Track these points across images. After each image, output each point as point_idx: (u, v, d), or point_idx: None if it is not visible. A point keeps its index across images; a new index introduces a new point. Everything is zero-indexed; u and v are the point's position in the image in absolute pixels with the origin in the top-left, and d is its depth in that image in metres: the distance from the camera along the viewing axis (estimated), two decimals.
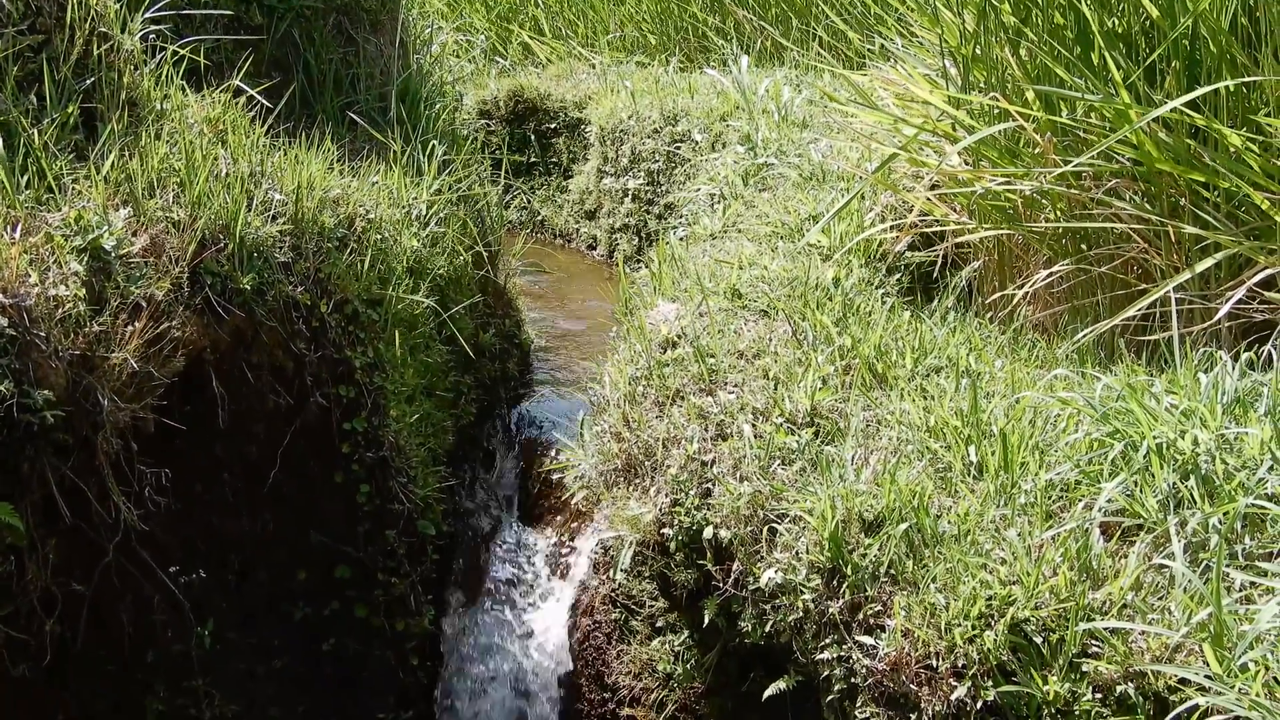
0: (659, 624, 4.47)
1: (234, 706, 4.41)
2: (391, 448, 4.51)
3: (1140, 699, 2.73)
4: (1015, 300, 4.41)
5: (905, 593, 3.11)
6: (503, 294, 6.01)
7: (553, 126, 9.01)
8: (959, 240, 4.74)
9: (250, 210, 4.11)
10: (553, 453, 5.18)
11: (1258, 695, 2.50)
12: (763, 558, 3.48)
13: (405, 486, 4.56)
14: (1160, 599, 2.86)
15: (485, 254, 5.59)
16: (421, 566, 4.72)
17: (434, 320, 4.87)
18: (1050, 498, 3.18)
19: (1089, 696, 2.77)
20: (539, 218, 9.01)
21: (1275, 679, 2.53)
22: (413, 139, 5.34)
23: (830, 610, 3.26)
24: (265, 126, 4.54)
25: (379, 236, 4.57)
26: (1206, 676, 2.62)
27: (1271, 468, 2.96)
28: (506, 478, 5.54)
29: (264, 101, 4.60)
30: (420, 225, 5.01)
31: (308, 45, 5.48)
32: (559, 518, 5.15)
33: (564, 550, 5.10)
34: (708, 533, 3.68)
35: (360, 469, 4.47)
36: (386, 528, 4.56)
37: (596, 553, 4.73)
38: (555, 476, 4.91)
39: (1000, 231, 4.53)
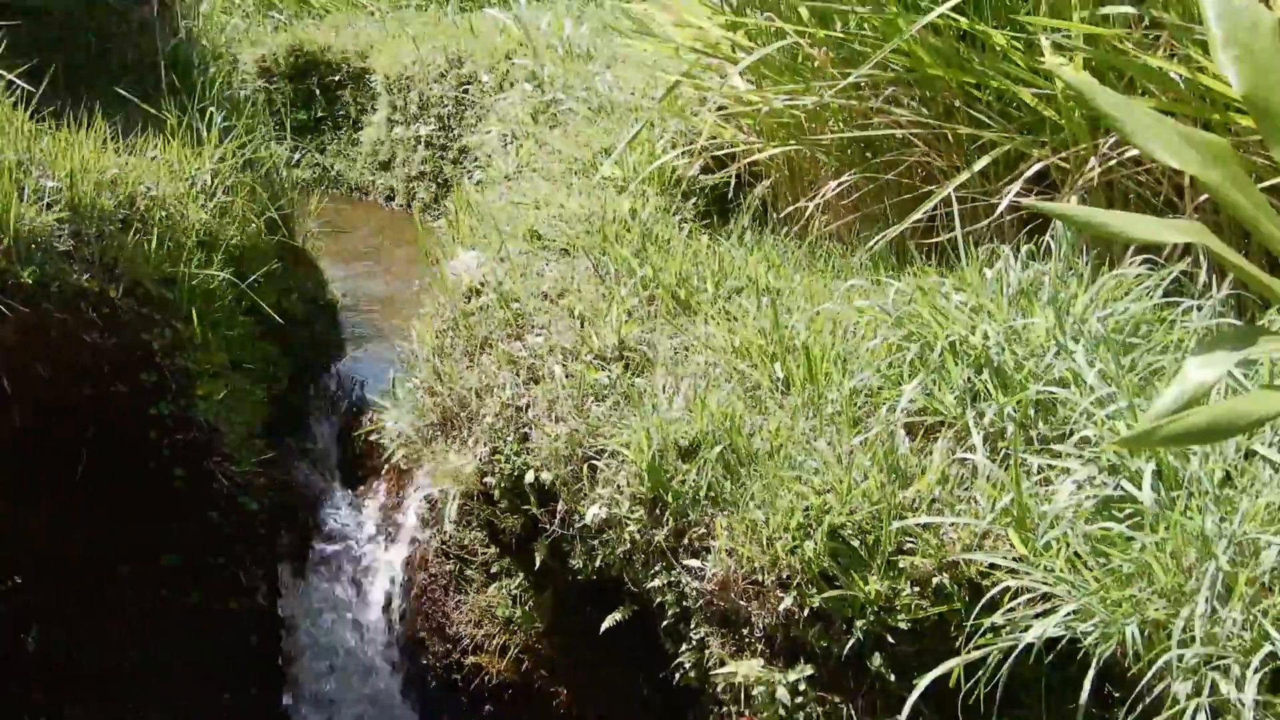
0: (493, 570, 4.49)
1: (73, 710, 4.30)
2: (202, 428, 4.40)
3: (955, 588, 2.85)
4: (808, 213, 4.50)
5: (726, 513, 3.18)
6: (302, 257, 5.89)
7: (336, 79, 8.82)
8: (750, 160, 4.81)
9: (22, 200, 3.93)
10: (369, 414, 5.13)
11: (1061, 571, 2.64)
12: (585, 495, 3.52)
13: (222, 465, 4.46)
14: (966, 490, 2.98)
15: (279, 218, 5.46)
16: (249, 544, 4.64)
17: (233, 292, 4.74)
18: (855, 405, 3.27)
19: (908, 591, 2.88)
20: (333, 173, 8.86)
21: (1076, 554, 2.66)
22: (189, 108, 5.15)
23: (656, 539, 3.32)
24: (28, 111, 4.34)
25: (164, 213, 4.43)
26: (1014, 559, 2.74)
27: (1057, 353, 3.09)
28: (327, 443, 5.46)
29: (23, 85, 4.39)
30: (207, 196, 4.86)
31: (66, 21, 5.24)
32: (383, 478, 5.10)
33: (391, 509, 5.06)
34: (529, 477, 3.70)
35: (172, 452, 4.35)
36: (208, 509, 4.46)
37: (423, 509, 4.71)
38: (374, 437, 4.87)
39: (787, 148, 4.61)
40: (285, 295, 5.45)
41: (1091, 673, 2.53)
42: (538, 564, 3.92)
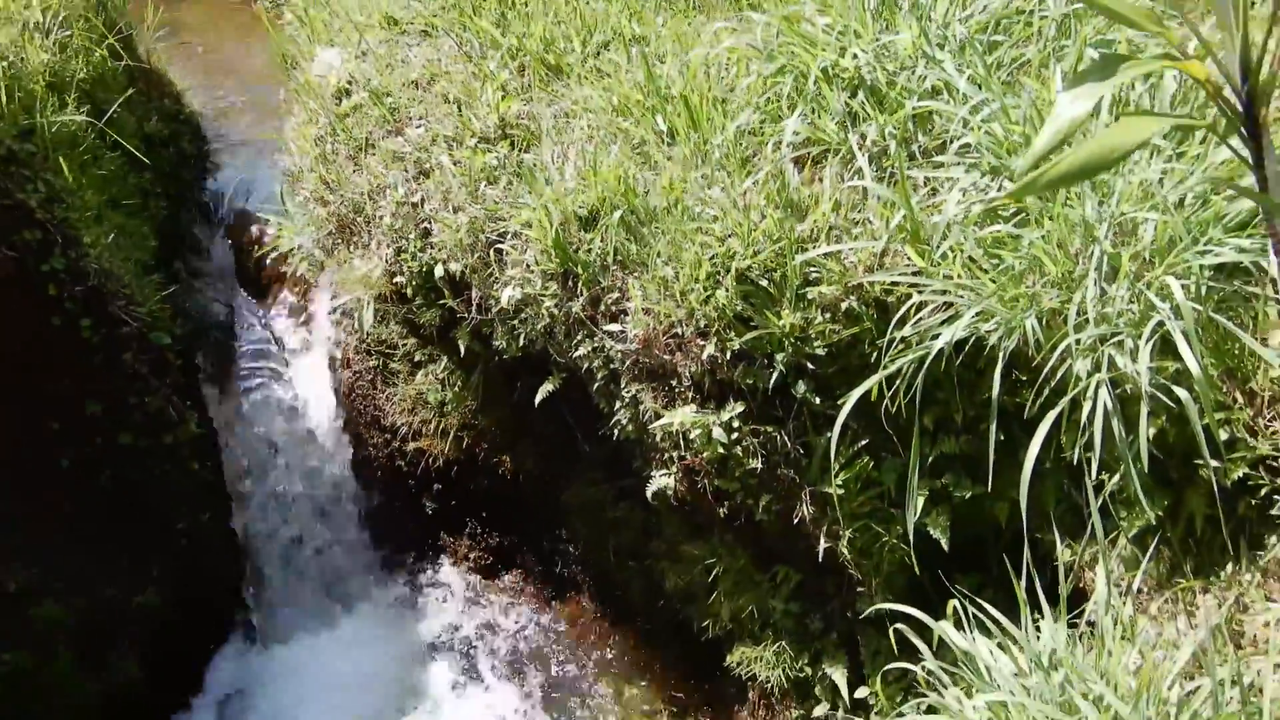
0: (417, 359, 4.57)
1: (31, 570, 4.39)
2: (98, 274, 4.36)
3: (863, 309, 3.00)
4: None
5: (636, 275, 3.27)
6: (152, 75, 5.72)
7: None
8: None
9: None
10: (260, 226, 5.10)
11: (959, 278, 2.78)
12: (497, 279, 3.59)
13: (126, 307, 4.45)
14: (860, 213, 3.08)
15: (120, 41, 5.28)
16: (169, 376, 4.67)
17: (93, 131, 4.63)
18: (741, 146, 3.32)
19: (819, 319, 3.02)
20: None
21: (971, 259, 2.80)
22: None
23: (573, 310, 3.42)
24: None
25: (5, 63, 4.28)
26: (914, 273, 2.87)
27: (927, 64, 3.15)
28: (221, 260, 5.43)
29: None
30: (44, 34, 4.69)
31: None
32: (286, 286, 5.12)
33: (301, 315, 5.09)
34: (438, 270, 3.75)
35: (74, 304, 4.33)
36: (121, 352, 4.47)
37: (335, 314, 4.75)
38: (273, 255, 4.85)
39: None
40: (144, 120, 5.33)
41: (999, 366, 2.70)
42: (462, 351, 4.00)
